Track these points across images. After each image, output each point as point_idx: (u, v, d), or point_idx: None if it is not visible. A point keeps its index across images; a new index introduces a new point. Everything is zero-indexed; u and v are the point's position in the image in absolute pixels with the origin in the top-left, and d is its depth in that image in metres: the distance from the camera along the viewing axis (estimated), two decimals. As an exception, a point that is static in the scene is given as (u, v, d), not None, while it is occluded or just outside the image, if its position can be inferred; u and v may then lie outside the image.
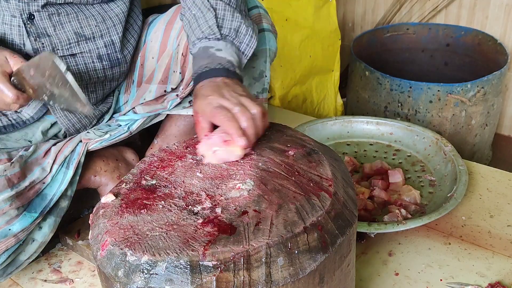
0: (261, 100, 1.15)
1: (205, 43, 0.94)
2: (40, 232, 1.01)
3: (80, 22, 1.03)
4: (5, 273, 0.99)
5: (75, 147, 1.07)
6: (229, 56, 0.93)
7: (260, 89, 1.15)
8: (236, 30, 0.97)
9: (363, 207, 1.19)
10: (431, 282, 1.03)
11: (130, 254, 0.64)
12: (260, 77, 1.14)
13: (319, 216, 0.69)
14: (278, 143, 0.85)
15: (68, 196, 1.06)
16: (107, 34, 1.07)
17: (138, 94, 1.17)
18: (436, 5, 2.12)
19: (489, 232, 1.16)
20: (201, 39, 0.95)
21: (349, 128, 1.53)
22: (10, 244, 0.95)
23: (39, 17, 0.99)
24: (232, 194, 0.73)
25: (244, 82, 1.12)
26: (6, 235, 0.94)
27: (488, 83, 1.72)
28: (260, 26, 1.11)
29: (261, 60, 1.12)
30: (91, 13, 1.05)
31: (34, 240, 1.01)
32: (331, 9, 1.99)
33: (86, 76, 1.07)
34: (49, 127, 1.09)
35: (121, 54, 1.11)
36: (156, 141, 1.27)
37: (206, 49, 0.93)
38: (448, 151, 1.34)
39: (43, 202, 1.00)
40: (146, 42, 1.17)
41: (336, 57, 2.08)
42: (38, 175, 1.00)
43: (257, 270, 0.64)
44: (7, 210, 0.92)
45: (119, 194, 0.76)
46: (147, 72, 1.16)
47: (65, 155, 1.05)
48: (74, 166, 1.06)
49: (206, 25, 0.96)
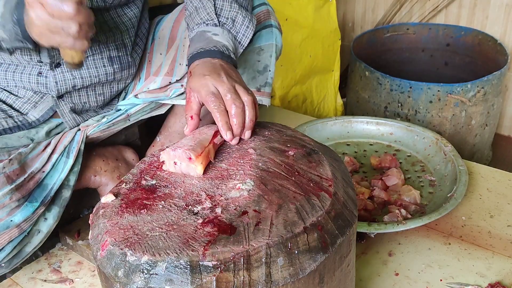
0: (262, 94, 1.15)
1: (203, 27, 0.98)
2: (45, 223, 1.02)
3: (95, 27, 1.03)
4: (11, 265, 1.00)
5: (74, 136, 1.08)
6: (225, 41, 0.95)
7: (263, 83, 1.15)
8: (233, 19, 1.00)
9: (363, 207, 1.19)
10: (431, 282, 1.03)
11: (130, 254, 0.64)
12: (265, 71, 1.14)
13: (319, 216, 0.69)
14: (278, 143, 0.85)
15: (70, 186, 1.06)
16: (120, 37, 1.07)
17: (144, 84, 1.17)
18: (436, 5, 2.12)
19: (489, 232, 1.16)
20: (199, 24, 0.98)
21: (349, 128, 1.53)
22: (14, 235, 0.95)
23: None
24: (232, 194, 0.73)
25: (248, 74, 1.13)
26: (9, 226, 0.94)
27: (488, 83, 1.72)
28: (268, 22, 1.13)
29: (267, 54, 1.13)
30: (105, 18, 1.05)
31: (39, 232, 1.01)
32: (331, 9, 1.99)
33: (96, 79, 1.07)
34: (53, 128, 1.10)
35: (131, 57, 1.11)
36: (159, 139, 1.27)
37: (203, 33, 0.96)
38: (448, 151, 1.34)
39: (44, 191, 1.01)
40: (154, 40, 1.18)
41: (336, 57, 2.08)
42: (37, 165, 1.00)
43: (257, 270, 0.64)
44: (7, 203, 0.93)
45: (119, 194, 0.76)
46: (154, 67, 1.17)
47: (65, 145, 1.06)
48: (74, 155, 1.06)
49: (205, 12, 0.99)
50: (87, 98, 1.09)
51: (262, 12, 1.12)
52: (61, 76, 1.03)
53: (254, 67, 1.13)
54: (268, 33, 1.12)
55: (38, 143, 1.03)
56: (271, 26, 1.13)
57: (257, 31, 1.12)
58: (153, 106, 1.17)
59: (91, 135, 1.12)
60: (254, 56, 1.13)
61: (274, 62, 1.15)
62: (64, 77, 1.03)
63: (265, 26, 1.12)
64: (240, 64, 1.13)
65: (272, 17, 1.14)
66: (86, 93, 1.08)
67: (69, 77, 1.04)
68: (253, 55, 1.13)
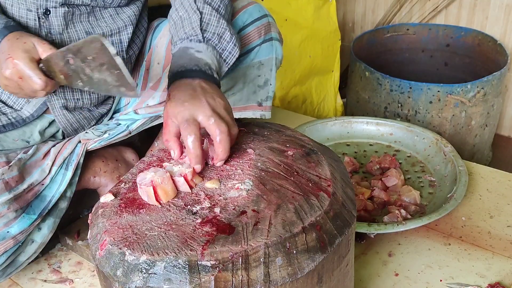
0: (264, 108, 1.15)
1: (186, 43, 0.92)
2: (39, 233, 1.01)
3: (91, 23, 1.04)
4: (4, 274, 0.99)
5: (74, 148, 1.07)
6: (208, 59, 0.90)
7: (264, 97, 1.15)
8: (220, 36, 0.95)
9: (363, 207, 1.19)
10: (431, 283, 1.03)
11: (129, 254, 0.64)
12: (265, 85, 1.14)
13: (317, 216, 0.69)
14: (277, 143, 0.85)
15: (67, 197, 1.05)
16: (116, 34, 1.08)
17: (141, 99, 1.17)
18: (436, 6, 2.12)
19: (489, 233, 1.16)
20: (183, 39, 0.93)
21: (349, 128, 1.53)
22: (9, 246, 0.95)
23: (55, 13, 0.99)
24: (231, 194, 0.73)
25: (249, 89, 1.13)
26: (5, 238, 0.93)
27: (488, 83, 1.72)
28: (268, 36, 1.11)
29: (267, 69, 1.13)
30: (103, 15, 1.05)
31: (33, 241, 1.01)
32: (331, 9, 1.99)
33: None
34: (46, 126, 1.09)
35: (127, 54, 1.11)
36: (157, 144, 1.27)
37: (185, 50, 0.91)
38: (448, 151, 1.34)
39: (42, 203, 1.00)
40: (152, 47, 1.17)
41: (336, 57, 2.08)
42: (37, 177, 0.99)
43: (255, 270, 0.64)
44: (5, 213, 0.92)
45: (118, 193, 0.76)
46: (152, 78, 1.16)
47: (64, 157, 1.05)
48: (73, 167, 1.05)
49: (190, 26, 0.94)
50: (80, 95, 1.08)
51: (263, 25, 1.10)
52: None
53: (254, 81, 1.13)
54: (268, 47, 1.11)
55: (37, 149, 1.03)
56: (272, 39, 1.12)
57: (257, 45, 1.10)
58: (153, 117, 1.17)
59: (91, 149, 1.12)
60: (254, 71, 1.12)
61: (275, 75, 1.14)
62: None
63: (266, 40, 1.11)
64: (240, 79, 1.13)
65: (273, 28, 1.12)
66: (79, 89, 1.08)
67: None
68: (253, 70, 1.12)
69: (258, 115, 1.16)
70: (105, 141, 1.11)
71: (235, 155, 0.82)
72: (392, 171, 1.30)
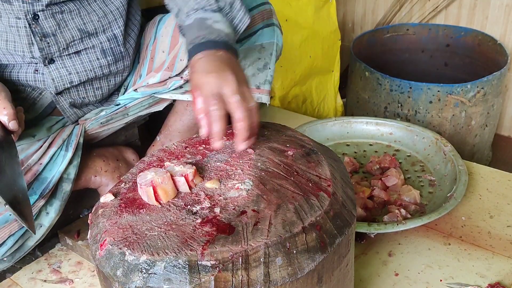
0: (262, 91, 1.14)
1: (201, 14, 0.90)
2: (47, 217, 1.03)
3: (83, 18, 1.05)
4: (13, 259, 1.00)
5: (72, 129, 1.10)
6: (227, 29, 0.88)
7: (262, 80, 1.14)
8: (231, 4, 0.94)
9: (363, 205, 1.19)
10: (430, 283, 1.03)
11: (129, 254, 0.64)
12: (265, 68, 1.14)
13: (317, 216, 0.69)
14: (277, 143, 0.85)
15: (71, 179, 1.07)
16: (109, 28, 1.08)
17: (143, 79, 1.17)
18: (436, 6, 2.12)
19: (489, 233, 1.16)
20: (197, 10, 0.91)
21: (349, 128, 1.53)
22: (14, 229, 0.96)
23: (44, 16, 1.00)
24: (231, 194, 0.73)
25: (248, 72, 1.12)
26: (7, 220, 0.95)
27: (488, 83, 1.72)
28: (270, 21, 1.12)
29: (268, 52, 1.13)
30: (92, 8, 1.06)
31: (41, 226, 1.02)
32: (331, 9, 1.99)
33: (92, 73, 1.09)
34: (54, 124, 1.11)
35: (124, 47, 1.12)
36: (159, 138, 1.27)
37: (202, 20, 0.88)
38: (447, 151, 1.34)
39: (42, 185, 1.01)
40: (157, 38, 1.18)
41: (336, 57, 2.08)
42: (34, 157, 1.01)
43: (255, 270, 0.64)
44: None
45: (118, 193, 0.76)
46: (156, 63, 1.17)
47: (63, 139, 1.07)
48: (73, 148, 1.07)
49: None
50: (85, 93, 1.11)
51: (265, 10, 1.11)
52: (56, 73, 1.05)
53: (254, 64, 1.13)
54: (270, 32, 1.12)
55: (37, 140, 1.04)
56: (273, 25, 1.12)
57: (260, 29, 1.11)
58: (151, 101, 1.17)
59: (90, 130, 1.13)
60: (255, 54, 1.12)
61: (275, 61, 1.14)
62: (60, 74, 1.05)
63: (268, 24, 1.12)
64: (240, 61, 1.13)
65: (274, 16, 1.14)
66: (84, 88, 1.10)
67: (65, 73, 1.06)
68: (254, 52, 1.12)
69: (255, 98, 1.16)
70: (102, 118, 1.13)
71: (235, 155, 0.82)
72: (392, 171, 1.30)
